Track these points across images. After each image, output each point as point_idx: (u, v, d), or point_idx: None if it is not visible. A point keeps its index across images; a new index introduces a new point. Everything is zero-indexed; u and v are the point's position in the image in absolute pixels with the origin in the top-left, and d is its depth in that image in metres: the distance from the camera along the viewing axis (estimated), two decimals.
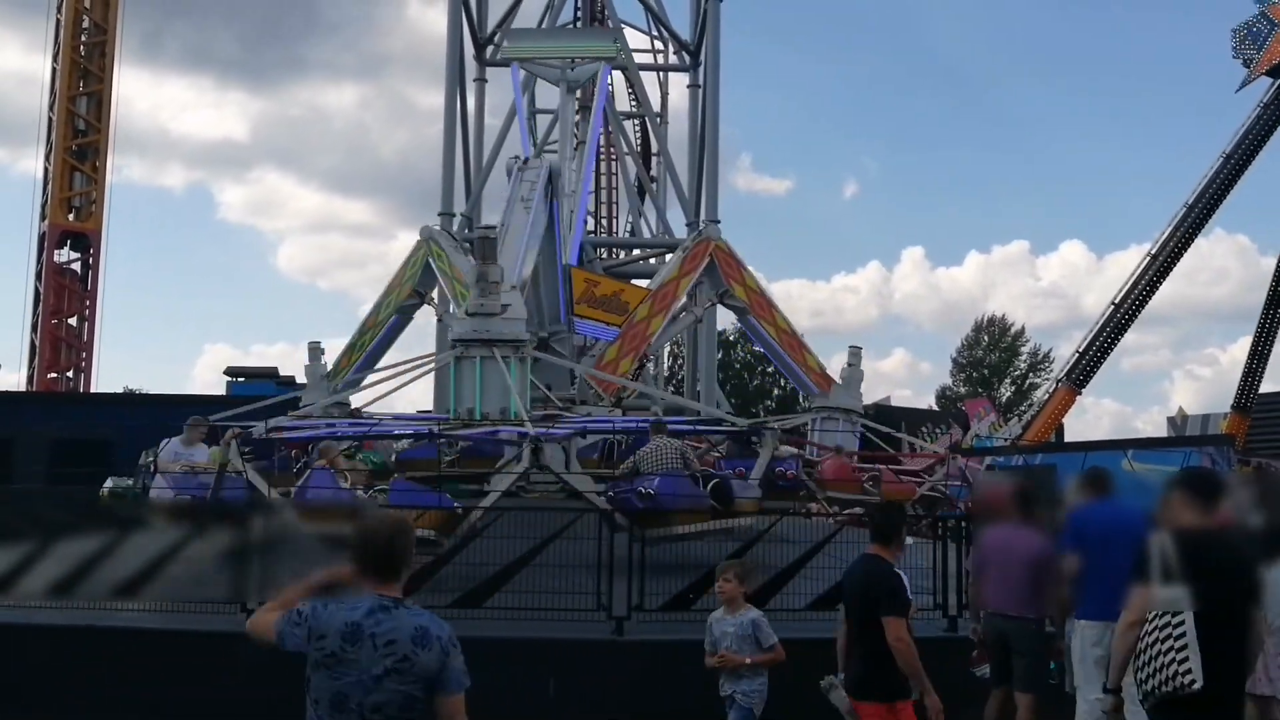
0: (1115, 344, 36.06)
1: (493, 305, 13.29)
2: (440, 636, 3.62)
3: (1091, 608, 6.86)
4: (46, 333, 37.01)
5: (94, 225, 37.95)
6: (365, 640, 3.53)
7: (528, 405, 13.49)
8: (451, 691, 3.59)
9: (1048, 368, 56.41)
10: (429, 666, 3.55)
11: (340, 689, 3.52)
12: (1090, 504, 7.31)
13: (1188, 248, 35.86)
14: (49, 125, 37.67)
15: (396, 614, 3.60)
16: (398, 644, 3.53)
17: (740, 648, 7.17)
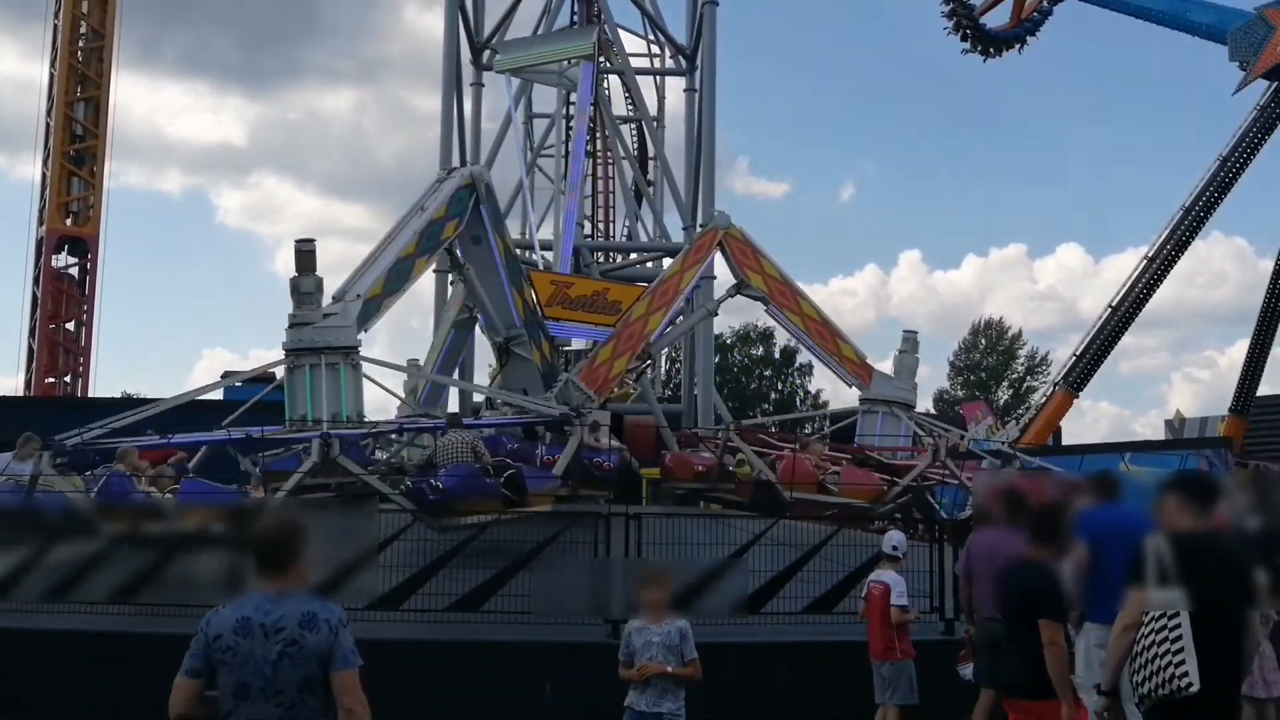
0: (1113, 347, 36.08)
1: (313, 315, 13.97)
2: (328, 619, 3.90)
3: (1101, 611, 6.83)
4: (44, 338, 36.99)
5: (92, 230, 37.95)
6: (255, 631, 3.86)
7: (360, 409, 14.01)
8: (342, 668, 3.87)
9: (1045, 371, 56.49)
10: (319, 647, 3.85)
11: (241, 679, 3.84)
12: (1097, 507, 7.28)
13: (1185, 250, 35.87)
14: (47, 131, 37.67)
15: (284, 603, 3.90)
16: (286, 630, 3.84)
17: (666, 659, 6.60)
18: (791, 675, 9.44)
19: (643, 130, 36.64)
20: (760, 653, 9.77)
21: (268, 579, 3.98)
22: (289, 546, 4.02)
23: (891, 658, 8.35)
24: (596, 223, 38.87)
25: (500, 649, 9.52)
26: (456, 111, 26.27)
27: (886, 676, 8.37)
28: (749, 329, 59.14)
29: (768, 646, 9.81)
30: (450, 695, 9.10)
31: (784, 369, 59.19)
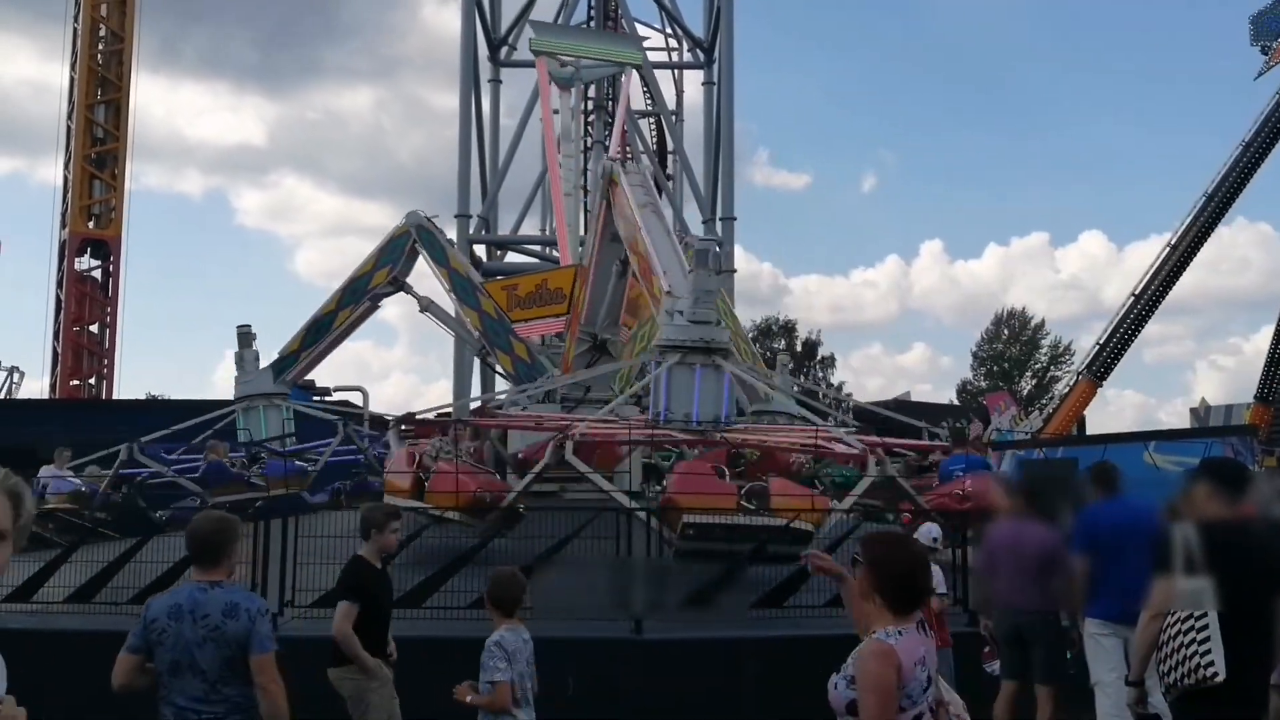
0: (1136, 335, 35.84)
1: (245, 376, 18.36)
2: (248, 609, 4.41)
3: (1099, 607, 6.82)
4: (68, 340, 37.28)
5: (114, 232, 38.21)
6: (185, 616, 4.38)
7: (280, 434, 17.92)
8: (258, 652, 4.36)
9: (1069, 360, 56.14)
10: (238, 633, 4.35)
11: (174, 658, 4.36)
12: (1099, 503, 7.23)
13: (1209, 236, 35.60)
14: (68, 134, 37.93)
15: (212, 593, 4.42)
16: (211, 617, 4.36)
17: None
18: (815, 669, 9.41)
19: (661, 124, 36.61)
20: (783, 646, 9.74)
21: (201, 571, 4.51)
22: (220, 543, 4.50)
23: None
24: None
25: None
26: (474, 109, 26.32)
27: None
28: (770, 322, 59.08)
29: (790, 640, 9.78)
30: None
31: (806, 361, 59.06)
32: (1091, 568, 6.85)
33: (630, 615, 9.66)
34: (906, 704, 3.54)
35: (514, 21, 29.29)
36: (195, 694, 4.33)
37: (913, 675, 3.56)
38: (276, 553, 9.88)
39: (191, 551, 4.61)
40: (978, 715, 7.52)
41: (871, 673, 3.52)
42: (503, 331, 17.68)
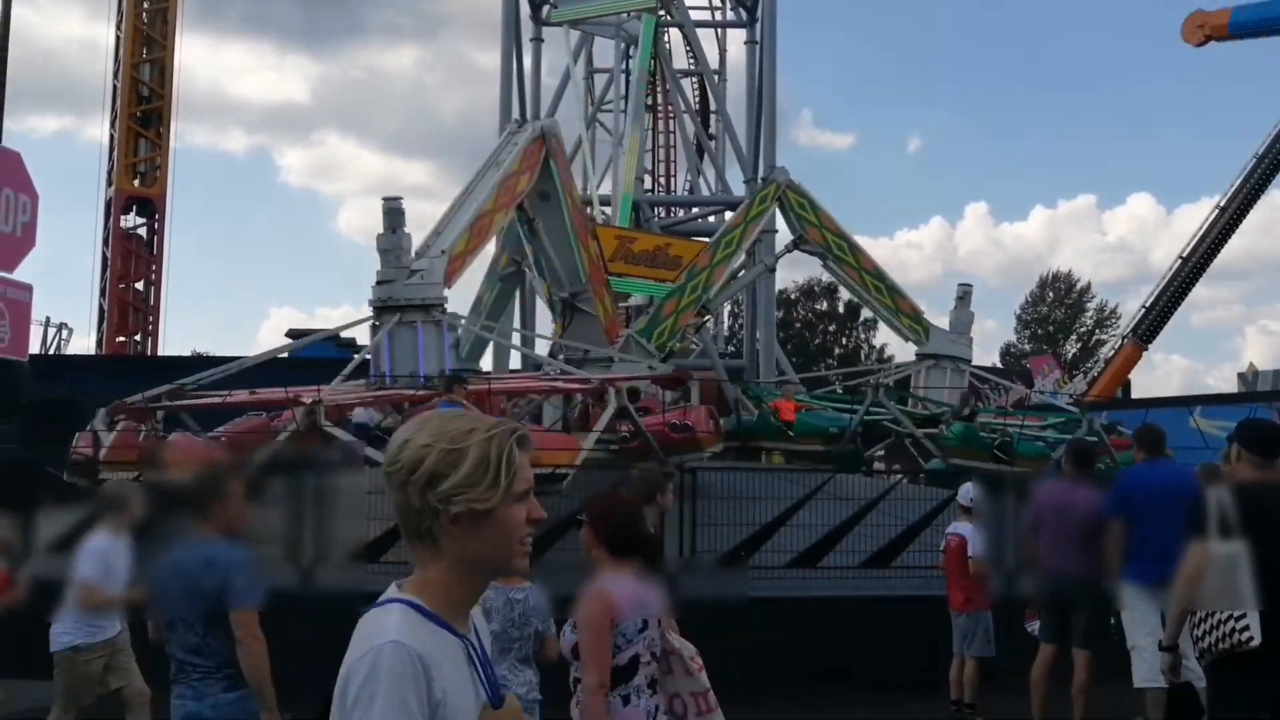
0: (1183, 299, 35.24)
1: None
2: (226, 562, 4.41)
3: (1136, 571, 6.68)
4: (114, 297, 37.86)
5: (159, 190, 38.63)
6: (174, 572, 4.50)
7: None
8: (235, 607, 4.36)
9: (1114, 324, 55.32)
10: (214, 588, 4.37)
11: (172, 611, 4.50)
12: (1140, 465, 7.13)
13: (1259, 199, 34.82)
14: (114, 93, 38.29)
15: (196, 548, 4.48)
16: (190, 572, 4.43)
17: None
18: (850, 630, 9.39)
19: (704, 84, 36.22)
20: (819, 607, 9.74)
21: (196, 524, 4.58)
22: (207, 494, 4.57)
23: (970, 609, 8.30)
24: (657, 177, 38.65)
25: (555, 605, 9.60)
26: (516, 67, 26.17)
27: (964, 628, 8.31)
28: (813, 284, 58.64)
29: (826, 601, 9.78)
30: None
31: (848, 324, 58.65)
32: (1129, 531, 6.74)
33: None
34: (622, 643, 3.99)
35: None
36: (189, 646, 4.44)
37: (626, 616, 3.99)
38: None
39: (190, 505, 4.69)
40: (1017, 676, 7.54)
41: (588, 614, 3.99)
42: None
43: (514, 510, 1.88)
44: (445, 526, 1.85)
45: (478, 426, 1.89)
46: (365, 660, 1.77)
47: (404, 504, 1.87)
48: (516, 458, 1.89)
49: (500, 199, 15.65)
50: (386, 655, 1.76)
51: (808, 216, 18.19)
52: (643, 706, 4.02)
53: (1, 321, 5.76)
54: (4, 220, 5.81)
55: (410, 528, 1.89)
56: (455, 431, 1.87)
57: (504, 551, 1.89)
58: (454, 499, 1.84)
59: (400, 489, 1.87)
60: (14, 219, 5.86)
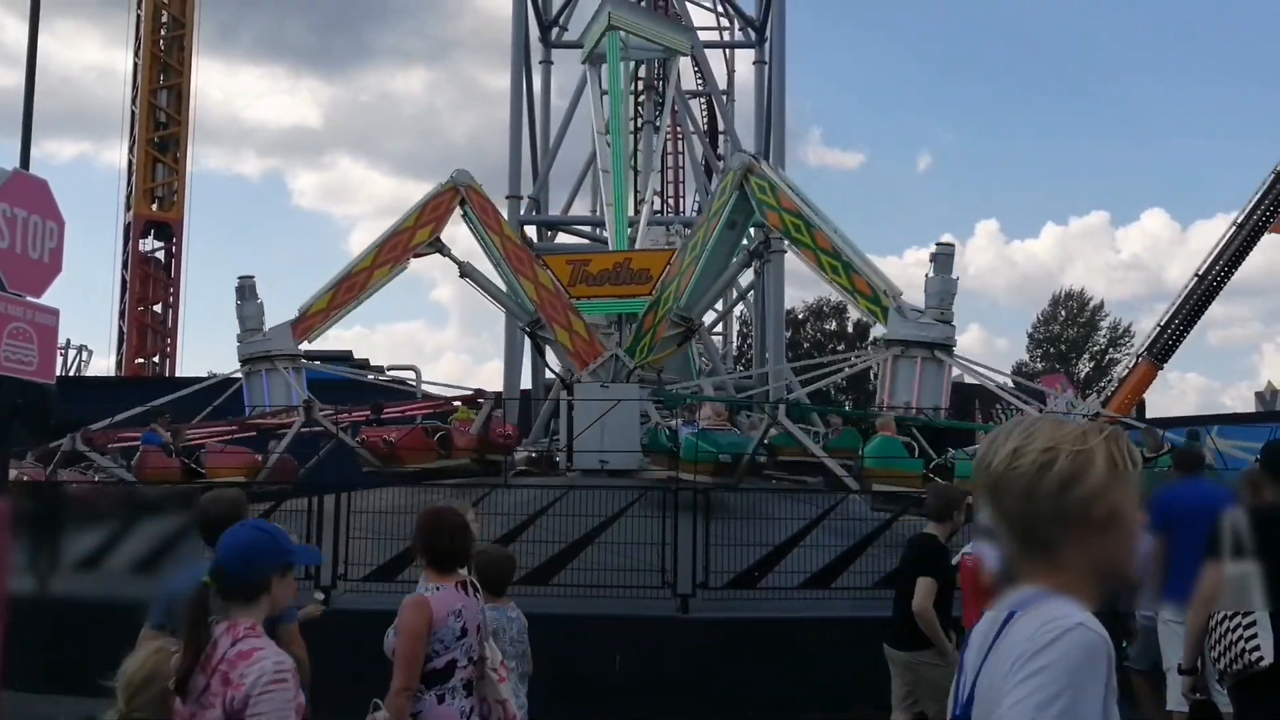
0: (1199, 317, 35.09)
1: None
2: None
3: (1173, 592, 6.63)
4: (133, 319, 38.21)
5: (176, 215, 39.03)
6: None
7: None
8: (288, 622, 4.54)
9: (1128, 342, 55.13)
10: None
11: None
12: (1177, 484, 7.11)
13: (1277, 215, 34.71)
14: (132, 119, 38.73)
15: None
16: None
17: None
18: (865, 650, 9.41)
19: (712, 104, 36.46)
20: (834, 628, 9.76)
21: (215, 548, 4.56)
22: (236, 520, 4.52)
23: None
24: (666, 198, 38.86)
25: (570, 621, 9.65)
26: (526, 90, 26.41)
27: None
28: (822, 304, 58.72)
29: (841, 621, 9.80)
30: None
31: (858, 343, 58.62)
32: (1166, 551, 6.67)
33: (676, 594, 9.74)
34: (440, 648, 4.21)
35: (565, 3, 29.34)
36: None
37: (444, 624, 4.20)
38: (329, 527, 10.08)
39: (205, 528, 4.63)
40: None
41: (406, 620, 4.20)
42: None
43: (1138, 513, 1.81)
44: (1077, 533, 1.77)
45: (1088, 430, 1.82)
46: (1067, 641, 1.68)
47: (1023, 512, 1.79)
48: (1137, 457, 1.82)
49: (384, 254, 17.16)
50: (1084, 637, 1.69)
51: (767, 199, 16.14)
52: (456, 706, 4.29)
53: (30, 345, 5.87)
54: (32, 246, 5.93)
55: (1025, 538, 1.82)
56: (1071, 434, 1.80)
57: (1127, 557, 1.81)
58: (1092, 502, 1.76)
59: (1023, 497, 1.79)
60: (42, 245, 5.98)
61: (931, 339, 14.45)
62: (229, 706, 2.91)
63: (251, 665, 2.94)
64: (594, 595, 9.75)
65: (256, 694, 2.91)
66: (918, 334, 14.50)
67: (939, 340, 14.52)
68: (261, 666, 2.95)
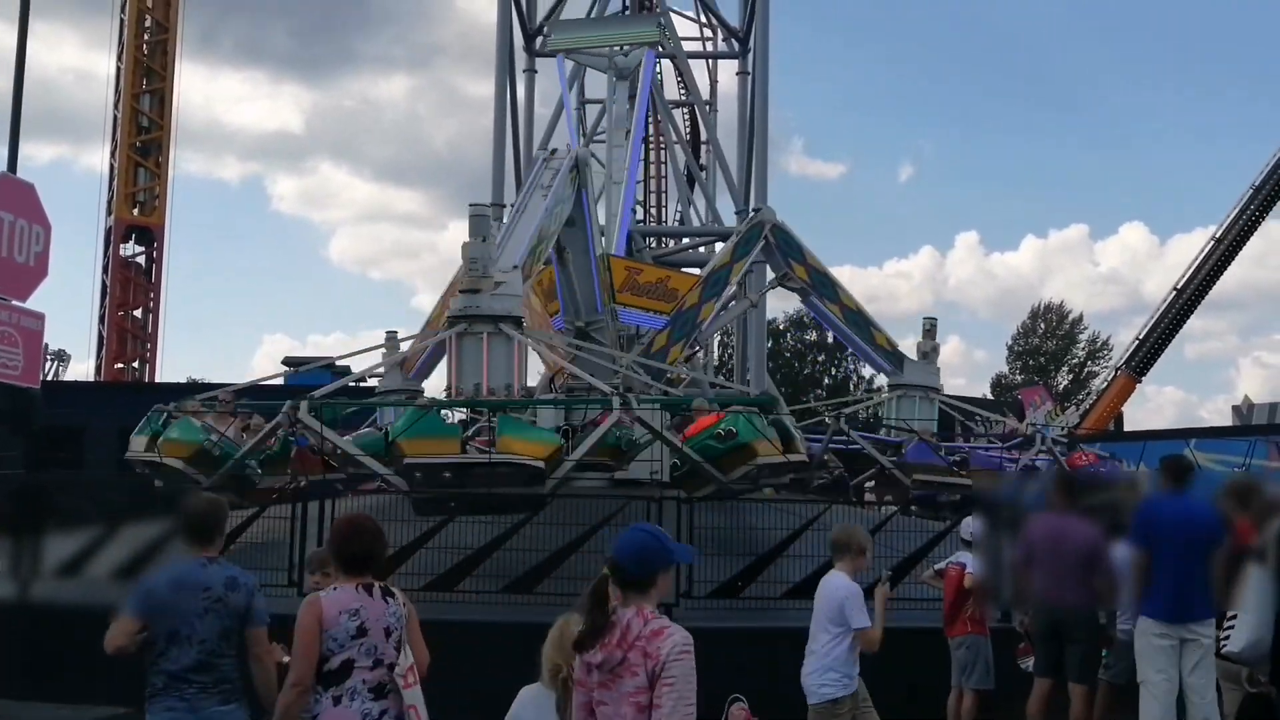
0: (1178, 330, 35.44)
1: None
2: (246, 584, 4.76)
3: (1153, 606, 6.69)
4: (113, 324, 37.95)
5: (158, 220, 38.81)
6: (187, 588, 4.66)
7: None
8: (257, 624, 4.72)
9: (1106, 355, 55.54)
10: (239, 605, 4.70)
11: (172, 627, 4.62)
12: (1161, 497, 7.07)
13: (1255, 230, 35.08)
14: (114, 123, 38.52)
15: (211, 568, 4.74)
16: (213, 589, 4.66)
17: None
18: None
19: (695, 114, 36.58)
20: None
21: (198, 547, 4.79)
22: (216, 521, 4.87)
23: (964, 632, 8.36)
24: (649, 208, 38.93)
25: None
26: (509, 97, 26.44)
27: (963, 660, 8.35)
28: (802, 314, 58.80)
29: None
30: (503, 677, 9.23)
31: (837, 355, 58.83)
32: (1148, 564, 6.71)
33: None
34: (335, 647, 4.31)
35: (549, 11, 29.40)
36: (190, 663, 4.61)
37: (337, 623, 4.31)
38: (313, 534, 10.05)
39: (187, 529, 4.87)
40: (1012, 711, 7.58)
41: (298, 620, 4.34)
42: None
43: None
44: None
45: None
46: None
47: None
48: None
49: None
50: None
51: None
52: (356, 708, 4.32)
53: (15, 350, 5.84)
54: (18, 250, 5.91)
55: None
56: None
57: None
58: None
59: None
60: (28, 249, 5.96)
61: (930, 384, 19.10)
62: (650, 673, 3.63)
63: (664, 640, 3.64)
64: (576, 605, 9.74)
65: (669, 660, 3.61)
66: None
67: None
68: (673, 640, 3.65)
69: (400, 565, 10.04)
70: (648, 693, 3.62)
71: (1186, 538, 6.55)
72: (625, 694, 3.65)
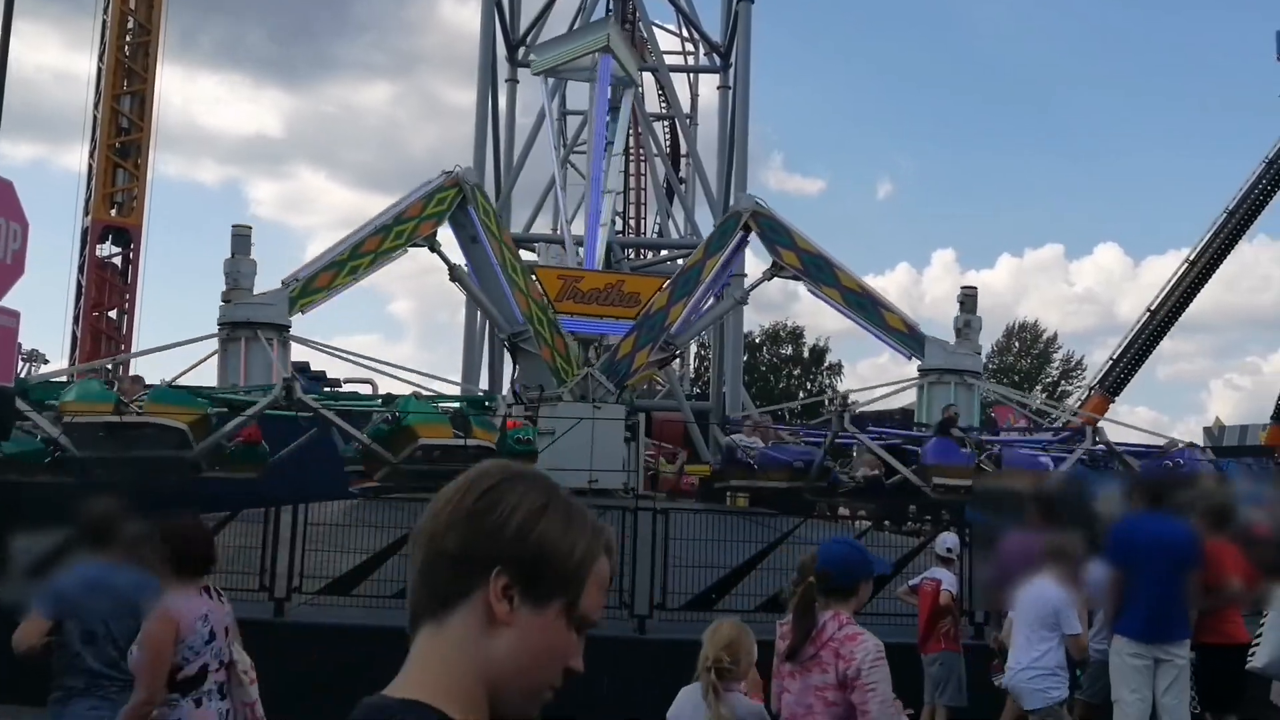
0: (1151, 351, 35.78)
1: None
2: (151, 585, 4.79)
3: (1127, 624, 6.72)
4: (88, 325, 37.62)
5: (135, 221, 38.52)
6: (99, 591, 4.79)
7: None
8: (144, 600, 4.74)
9: (1080, 375, 55.98)
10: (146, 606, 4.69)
11: (87, 628, 4.75)
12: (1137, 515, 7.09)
13: (1229, 253, 35.49)
14: (94, 124, 38.25)
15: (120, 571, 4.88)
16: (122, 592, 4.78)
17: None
18: None
19: (675, 127, 36.69)
20: None
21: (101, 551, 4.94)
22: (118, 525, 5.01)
23: (938, 649, 8.39)
24: (628, 219, 38.99)
25: None
26: (491, 108, 26.43)
27: (936, 677, 8.37)
28: (778, 328, 59.10)
29: None
30: None
31: (813, 368, 59.03)
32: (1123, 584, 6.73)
33: (633, 614, 9.75)
34: (190, 655, 4.40)
35: (533, 22, 29.41)
36: (107, 661, 4.74)
37: (193, 630, 4.39)
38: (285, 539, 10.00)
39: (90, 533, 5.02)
40: None
41: (150, 632, 4.39)
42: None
43: None
44: None
45: None
46: None
47: None
48: None
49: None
50: None
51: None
52: (213, 708, 4.50)
53: None
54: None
55: None
56: None
57: None
58: None
59: None
60: (5, 247, 5.91)
61: (964, 367, 16.26)
62: (840, 673, 3.93)
63: (859, 645, 3.95)
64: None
65: (868, 667, 3.91)
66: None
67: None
68: (866, 647, 3.95)
69: (374, 572, 10.02)
70: (835, 690, 3.96)
71: (1163, 558, 6.58)
72: (812, 686, 4.02)
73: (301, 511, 10.19)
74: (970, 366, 16.32)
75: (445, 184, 16.73)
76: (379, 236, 16.28)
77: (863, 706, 3.89)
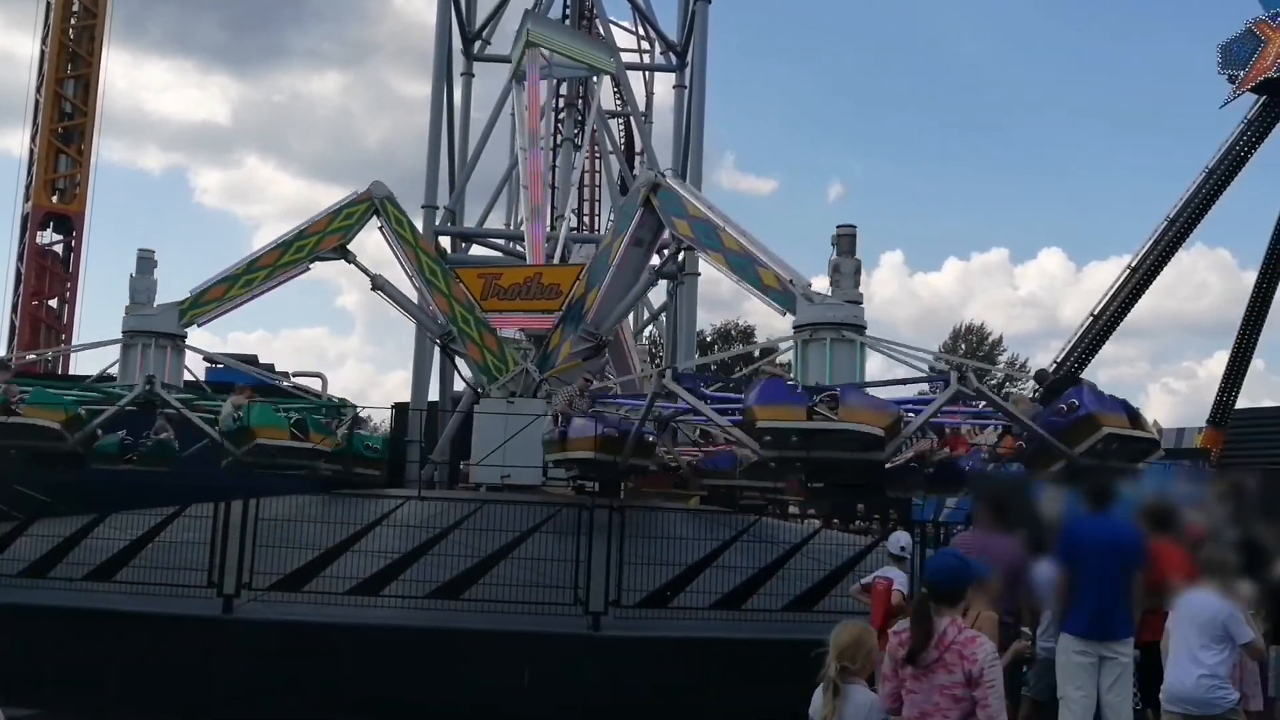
0: (1093, 355, 36.43)
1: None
2: None
3: (1074, 623, 6.82)
4: (26, 314, 36.80)
5: (78, 208, 37.72)
6: None
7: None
8: None
9: (1025, 378, 56.81)
10: None
11: None
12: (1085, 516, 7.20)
13: (1168, 261, 36.26)
14: (36, 107, 37.42)
15: None
16: None
17: None
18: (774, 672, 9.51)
19: (630, 125, 36.66)
20: (743, 649, 9.84)
21: None
22: None
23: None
24: (582, 216, 38.91)
25: (480, 637, 9.57)
26: (446, 100, 26.23)
27: None
28: (730, 327, 59.38)
29: (750, 643, 9.89)
30: (429, 682, 9.14)
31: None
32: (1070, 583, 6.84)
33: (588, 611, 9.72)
34: None
35: (489, 16, 29.22)
36: None
37: None
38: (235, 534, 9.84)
39: None
40: None
41: None
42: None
43: None
44: None
45: None
46: None
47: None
48: None
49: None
50: None
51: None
52: None
53: None
54: None
55: None
56: None
57: None
58: None
59: None
60: None
61: (839, 319, 13.80)
62: (966, 672, 4.46)
63: (979, 647, 4.50)
64: (505, 611, 9.68)
65: (988, 666, 4.46)
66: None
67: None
68: (986, 648, 4.51)
69: (325, 569, 9.90)
70: (963, 687, 4.46)
71: (1108, 558, 6.70)
72: (938, 685, 4.50)
73: (252, 507, 10.04)
74: (847, 319, 13.85)
75: (357, 199, 17.45)
76: (277, 251, 16.95)
77: (984, 701, 4.42)
